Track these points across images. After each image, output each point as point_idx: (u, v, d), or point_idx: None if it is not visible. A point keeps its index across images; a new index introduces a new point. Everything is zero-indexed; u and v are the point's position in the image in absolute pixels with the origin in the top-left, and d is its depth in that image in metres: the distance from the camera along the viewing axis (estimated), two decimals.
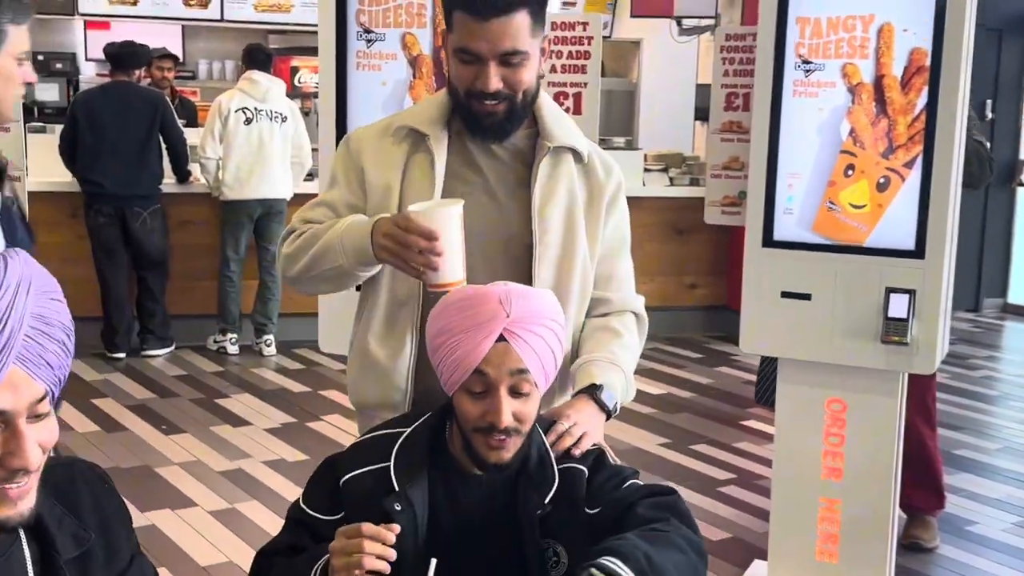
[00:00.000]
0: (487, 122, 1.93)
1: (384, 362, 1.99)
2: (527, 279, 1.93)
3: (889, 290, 3.20)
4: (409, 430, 1.77)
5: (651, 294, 2.92)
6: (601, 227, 2.03)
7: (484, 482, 1.74)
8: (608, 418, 1.93)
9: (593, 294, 2.05)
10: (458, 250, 1.80)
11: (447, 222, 1.78)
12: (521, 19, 1.85)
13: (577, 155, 2.01)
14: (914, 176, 3.14)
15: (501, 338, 1.63)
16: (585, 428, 1.82)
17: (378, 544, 1.50)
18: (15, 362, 1.14)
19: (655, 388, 6.13)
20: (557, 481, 1.73)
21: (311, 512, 1.75)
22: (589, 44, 3.59)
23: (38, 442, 1.18)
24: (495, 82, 1.87)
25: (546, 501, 1.71)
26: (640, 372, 6.44)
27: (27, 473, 1.18)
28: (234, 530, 4.01)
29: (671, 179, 7.34)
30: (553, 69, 3.60)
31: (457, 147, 2.00)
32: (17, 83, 1.95)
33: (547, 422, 1.82)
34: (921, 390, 3.88)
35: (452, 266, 1.79)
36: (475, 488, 1.75)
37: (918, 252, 3.16)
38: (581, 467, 1.76)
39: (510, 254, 1.97)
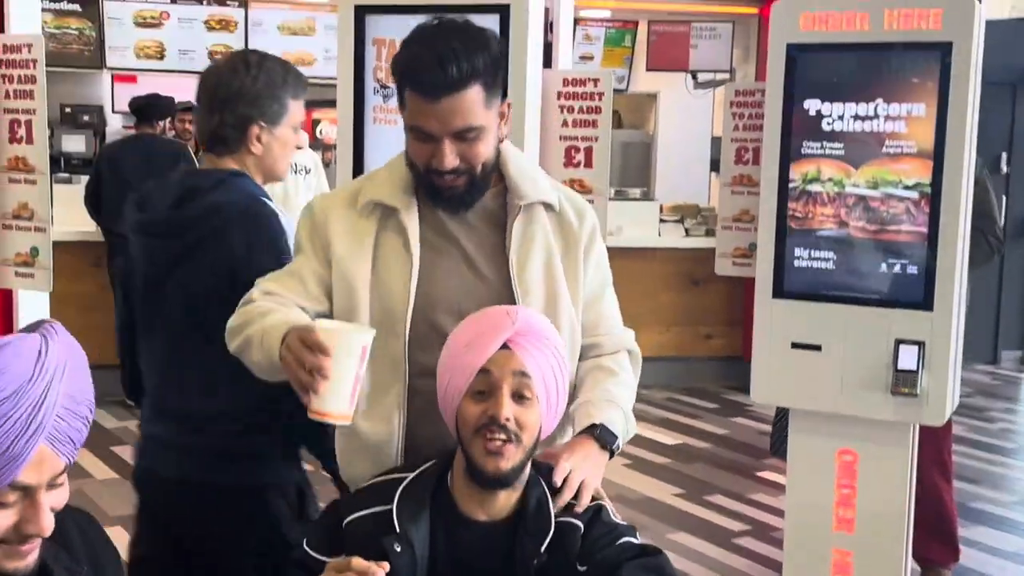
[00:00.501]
0: (448, 195, 1.90)
1: (374, 440, 1.93)
2: None
3: (899, 342, 3.22)
4: (413, 475, 1.81)
5: (667, 344, 2.97)
6: (581, 274, 2.00)
7: (484, 528, 1.77)
8: (611, 457, 1.93)
9: (584, 340, 2.02)
10: (349, 381, 1.65)
11: (347, 346, 1.64)
12: (473, 94, 1.80)
13: (548, 207, 1.97)
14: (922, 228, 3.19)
15: (505, 346, 1.72)
16: (584, 474, 1.82)
17: None
18: (43, 442, 1.19)
19: (670, 438, 6.14)
20: (552, 530, 1.75)
21: (313, 553, 1.78)
22: (600, 99, 3.67)
23: (51, 506, 1.24)
24: (450, 160, 1.84)
25: (542, 550, 1.73)
26: (655, 422, 6.50)
27: (40, 537, 1.25)
28: None
29: (687, 230, 7.39)
30: (565, 123, 3.68)
31: (428, 216, 1.95)
32: (292, 149, 2.32)
33: (545, 468, 1.83)
34: (937, 443, 3.90)
35: (338, 395, 1.65)
36: (475, 533, 1.77)
37: (927, 304, 3.19)
38: (577, 522, 1.77)
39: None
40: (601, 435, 1.91)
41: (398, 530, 1.72)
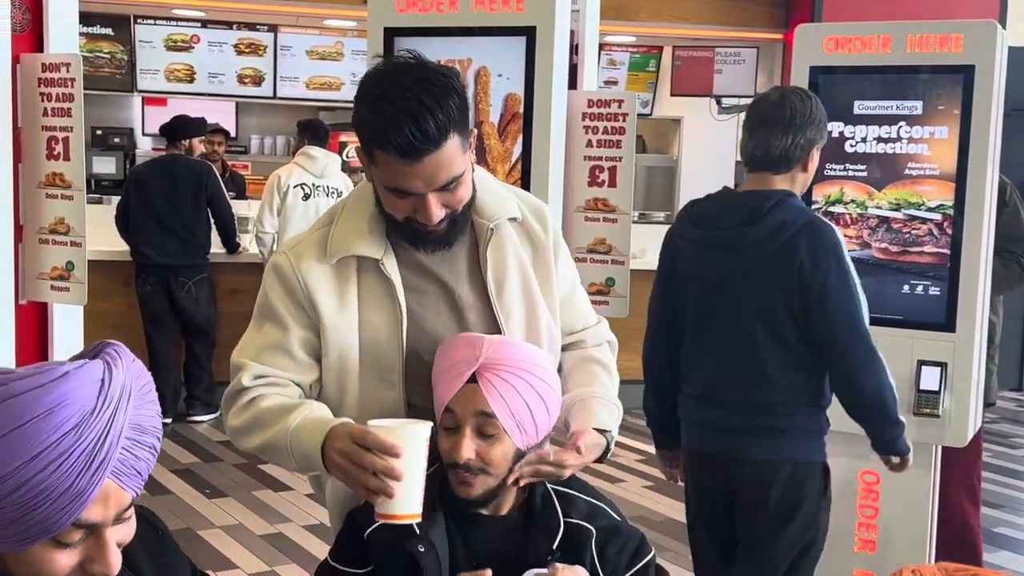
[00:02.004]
0: (430, 238, 1.81)
1: None
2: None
3: (921, 363, 3.24)
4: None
5: None
6: (554, 279, 1.96)
7: (492, 523, 1.80)
8: (605, 456, 1.91)
9: (565, 340, 2.01)
10: (420, 479, 1.62)
11: (413, 443, 1.61)
12: (452, 145, 1.68)
13: (513, 220, 1.93)
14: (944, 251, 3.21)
15: (473, 379, 1.72)
16: (576, 469, 1.82)
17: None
18: (108, 477, 1.11)
19: None
20: (563, 529, 1.78)
21: (342, 568, 1.81)
22: (624, 120, 3.72)
23: (117, 542, 1.17)
24: (437, 212, 1.74)
25: (554, 547, 1.76)
26: None
27: None
28: None
29: None
30: (589, 144, 3.73)
31: (403, 257, 1.87)
32: None
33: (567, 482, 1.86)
34: (967, 467, 3.89)
35: (410, 495, 1.61)
36: (485, 531, 1.80)
37: (948, 326, 3.21)
38: (588, 526, 1.79)
39: (481, 328, 1.92)
40: (609, 451, 1.93)
41: (418, 532, 1.74)
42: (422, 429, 1.64)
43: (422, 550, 1.73)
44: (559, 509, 1.80)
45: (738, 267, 2.60)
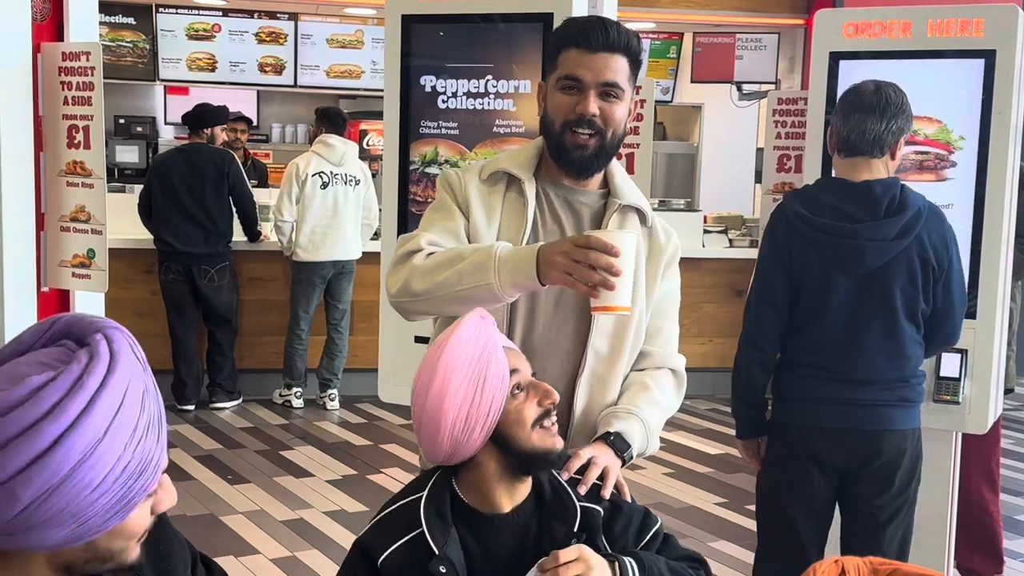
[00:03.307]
0: (576, 154, 2.06)
1: None
2: (588, 326, 2.05)
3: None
4: (427, 491, 1.78)
5: (710, 355, 3.01)
6: (657, 284, 2.14)
7: (508, 522, 1.78)
8: (623, 465, 1.98)
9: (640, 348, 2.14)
10: (630, 278, 1.84)
11: (628, 246, 1.83)
12: (622, 61, 2.03)
13: (642, 216, 2.15)
14: (964, 238, 3.19)
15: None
16: (606, 462, 1.90)
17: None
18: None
19: (712, 448, 6.14)
20: (579, 513, 1.78)
21: None
22: (642, 107, 3.71)
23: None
24: (593, 106, 2.02)
25: (575, 529, 1.76)
26: (698, 432, 6.50)
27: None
28: None
29: (731, 240, 7.39)
30: None
31: (541, 198, 2.13)
32: None
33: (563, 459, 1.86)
34: (986, 454, 3.88)
35: (626, 290, 1.83)
36: (501, 529, 1.78)
37: (970, 313, 3.18)
38: (597, 507, 1.81)
39: (575, 301, 2.06)
40: (615, 442, 1.98)
41: (437, 552, 1.70)
42: (635, 235, 1.90)
43: (443, 571, 1.69)
44: (572, 493, 1.81)
45: (887, 254, 2.76)
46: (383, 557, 1.72)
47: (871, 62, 3.27)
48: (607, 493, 1.85)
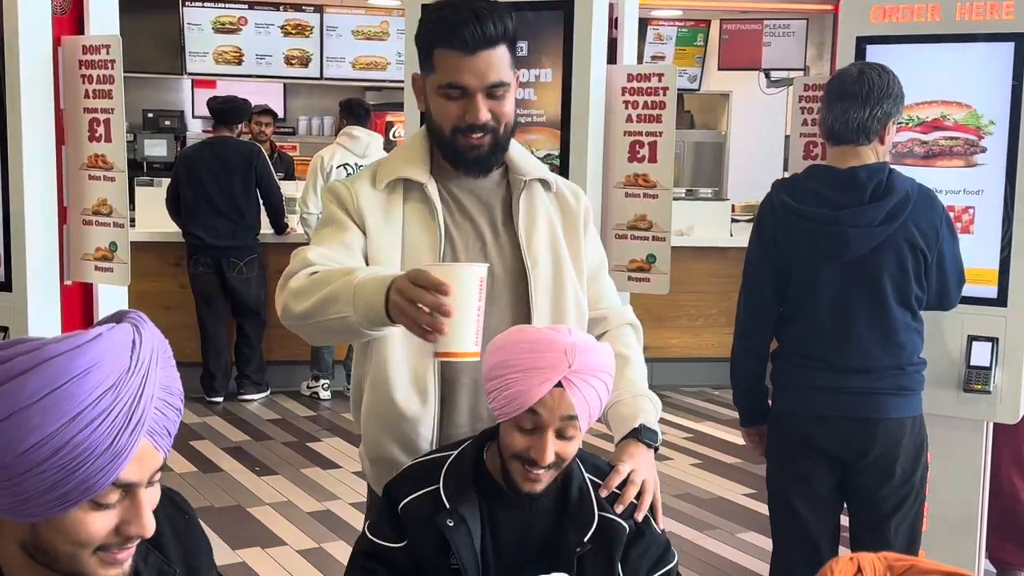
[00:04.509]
0: (471, 155, 1.95)
1: (411, 413, 1.97)
2: (527, 309, 1.98)
3: (971, 338, 3.18)
4: (456, 453, 1.85)
5: None
6: (583, 248, 2.08)
7: (523, 510, 1.80)
8: (655, 452, 1.97)
9: (590, 314, 2.09)
10: (473, 317, 1.63)
11: (463, 280, 1.63)
12: (503, 52, 1.89)
13: (546, 184, 2.07)
14: (995, 224, 3.13)
15: (559, 384, 1.69)
16: (645, 475, 1.88)
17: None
18: (144, 436, 1.13)
19: (740, 438, 6.08)
20: (596, 523, 1.79)
21: (379, 542, 1.83)
22: (664, 94, 3.66)
23: (151, 506, 1.19)
24: (484, 113, 1.90)
25: (585, 539, 1.77)
26: (726, 422, 6.45)
27: (141, 538, 1.19)
28: (321, 569, 4.12)
29: None
30: (629, 119, 3.68)
31: (444, 196, 2.02)
32: None
33: (589, 458, 1.89)
34: (1016, 443, 3.82)
35: (463, 333, 1.63)
36: (514, 515, 1.81)
37: (1000, 300, 3.14)
38: (622, 522, 1.81)
39: (509, 290, 2.01)
40: (644, 436, 1.96)
41: (448, 506, 1.76)
42: (476, 268, 1.66)
43: (451, 524, 1.75)
44: (595, 503, 1.81)
45: (872, 241, 2.72)
46: (403, 504, 1.80)
47: (899, 47, 3.21)
48: (640, 516, 1.85)
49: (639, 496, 1.86)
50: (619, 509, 1.82)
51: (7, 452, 1.07)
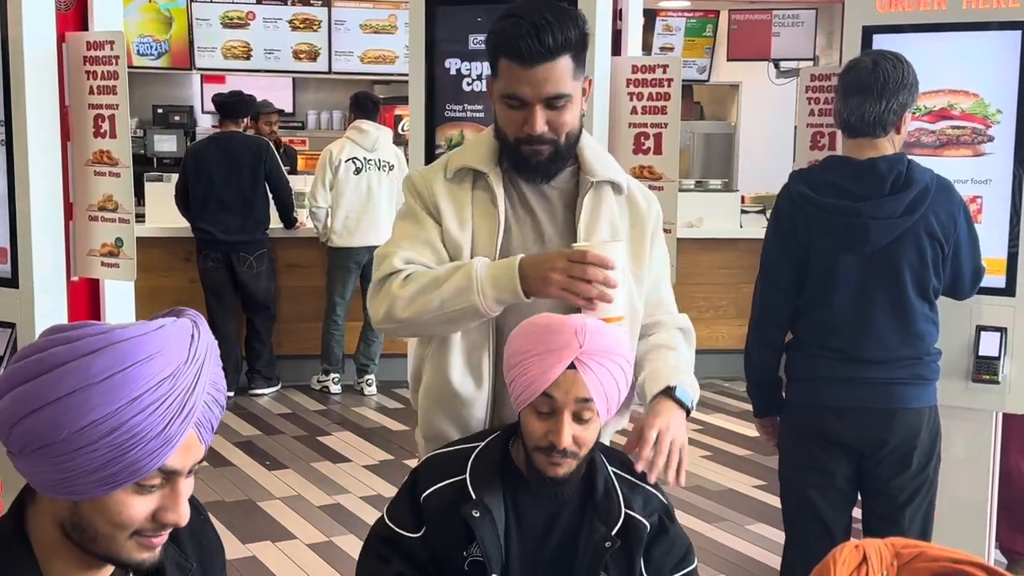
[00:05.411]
0: (533, 161, 1.99)
1: (466, 394, 2.05)
2: (577, 310, 1.97)
3: (980, 328, 3.17)
4: (483, 444, 1.87)
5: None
6: (647, 253, 2.09)
7: (548, 502, 1.82)
8: (688, 415, 1.96)
9: (646, 320, 2.11)
10: (624, 288, 1.88)
11: (621, 256, 1.87)
12: (564, 64, 1.91)
13: (617, 187, 2.07)
14: (1003, 213, 3.12)
15: (572, 366, 1.72)
16: (673, 434, 1.87)
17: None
18: (192, 427, 1.19)
19: (751, 430, 6.06)
20: (623, 519, 1.81)
21: (396, 529, 1.85)
22: (669, 86, 3.65)
23: (187, 496, 1.24)
24: (540, 125, 1.93)
25: (613, 533, 1.79)
26: (736, 414, 6.43)
27: (176, 527, 1.24)
28: (331, 563, 4.13)
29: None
30: (634, 110, 3.67)
31: (509, 188, 2.07)
32: None
33: (615, 455, 1.91)
34: None
35: (619, 301, 1.87)
36: (539, 507, 1.83)
37: (1009, 290, 3.12)
38: (644, 521, 1.83)
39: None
40: (677, 394, 1.95)
41: (474, 497, 1.78)
42: (623, 245, 1.94)
43: (476, 515, 1.76)
44: (621, 499, 1.83)
45: (892, 232, 2.71)
46: (426, 493, 1.82)
47: (905, 35, 3.19)
48: (672, 477, 1.85)
49: (667, 459, 1.86)
50: (652, 479, 1.84)
51: (65, 427, 1.12)
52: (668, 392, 1.95)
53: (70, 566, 1.24)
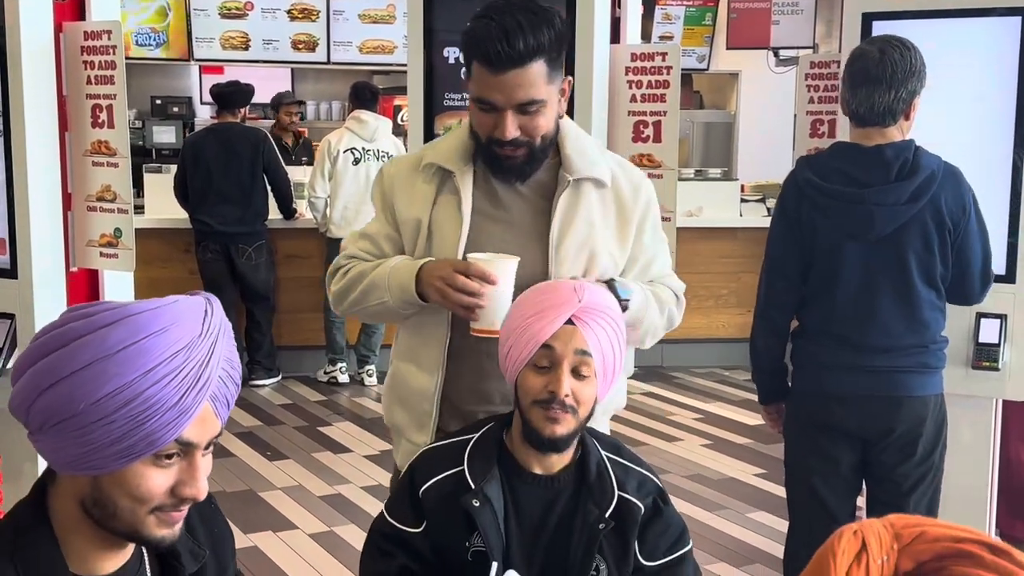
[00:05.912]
0: (507, 165, 1.98)
1: (417, 388, 2.08)
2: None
3: (980, 315, 3.16)
4: (478, 435, 1.88)
5: (748, 325, 2.98)
6: (628, 245, 2.07)
7: (544, 484, 1.83)
8: (623, 311, 1.95)
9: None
10: (506, 303, 1.89)
11: (508, 273, 1.89)
12: (537, 68, 1.86)
13: (598, 183, 2.03)
14: (1003, 200, 3.11)
15: (570, 322, 1.75)
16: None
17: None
18: (207, 399, 1.21)
19: (751, 419, 6.08)
20: (616, 500, 1.81)
21: (398, 525, 1.85)
22: (668, 74, 3.64)
23: (205, 472, 1.26)
24: (512, 130, 1.90)
25: (607, 515, 1.80)
26: (736, 402, 6.45)
27: (194, 501, 1.25)
28: (332, 552, 4.14)
29: (769, 209, 7.30)
30: (633, 99, 3.66)
31: (482, 184, 2.04)
32: None
33: (606, 439, 1.94)
34: None
35: (501, 314, 1.89)
36: (535, 494, 1.83)
37: (1009, 277, 3.12)
38: (638, 503, 1.84)
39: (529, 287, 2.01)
40: (614, 285, 1.98)
41: (473, 487, 1.78)
42: (513, 262, 1.91)
43: (477, 505, 1.77)
44: (615, 482, 1.84)
45: (898, 219, 2.70)
46: (424, 488, 1.83)
47: (905, 22, 3.18)
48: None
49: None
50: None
51: (82, 400, 1.15)
52: (609, 283, 1.98)
53: (90, 545, 1.26)
